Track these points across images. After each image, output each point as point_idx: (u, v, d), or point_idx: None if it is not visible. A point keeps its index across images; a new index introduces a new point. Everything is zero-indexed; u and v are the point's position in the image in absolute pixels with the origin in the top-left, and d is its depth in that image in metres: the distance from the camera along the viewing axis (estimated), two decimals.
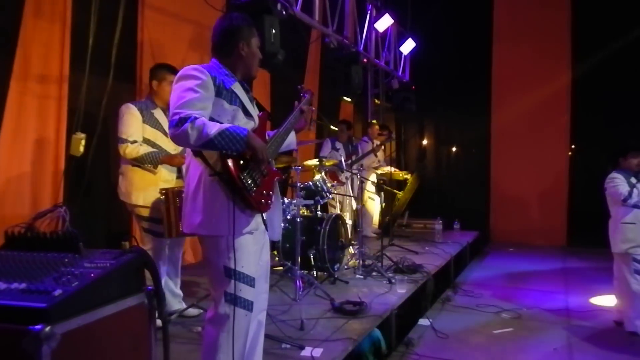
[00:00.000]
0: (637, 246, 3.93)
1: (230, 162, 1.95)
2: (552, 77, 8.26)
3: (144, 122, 3.17)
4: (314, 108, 2.52)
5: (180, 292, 3.47)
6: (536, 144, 8.35)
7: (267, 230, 2.19)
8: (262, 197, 2.06)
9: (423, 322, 4.29)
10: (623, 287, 4.02)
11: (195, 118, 1.88)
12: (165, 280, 3.31)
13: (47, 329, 1.21)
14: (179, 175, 3.31)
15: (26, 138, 3.48)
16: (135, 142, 3.12)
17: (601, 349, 3.74)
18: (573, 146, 8.35)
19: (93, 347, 1.39)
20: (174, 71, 3.30)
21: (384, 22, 7.39)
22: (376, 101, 8.75)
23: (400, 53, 8.56)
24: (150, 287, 1.61)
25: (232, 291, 2.00)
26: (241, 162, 2.00)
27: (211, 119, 1.99)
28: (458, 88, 8.59)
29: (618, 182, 3.94)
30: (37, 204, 3.49)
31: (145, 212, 3.19)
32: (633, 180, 3.96)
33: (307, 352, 2.83)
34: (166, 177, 3.23)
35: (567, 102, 8.23)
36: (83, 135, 3.31)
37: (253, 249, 2.11)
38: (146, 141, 3.17)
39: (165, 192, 3.05)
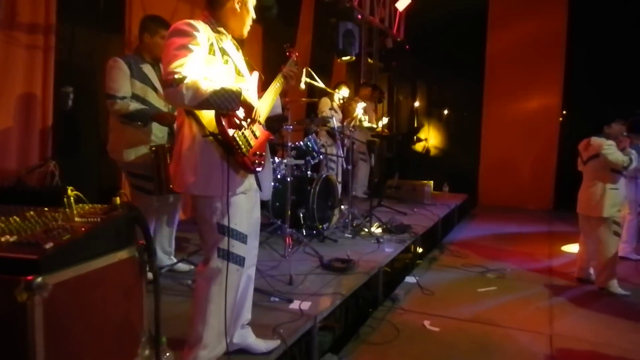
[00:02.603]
0: (618, 210, 4.15)
1: (224, 123, 1.95)
2: (548, 42, 8.15)
3: (132, 77, 3.08)
4: (297, 67, 2.45)
5: (171, 249, 3.50)
6: (528, 109, 8.36)
7: (260, 190, 2.21)
8: (255, 157, 2.07)
9: (410, 279, 4.40)
10: (599, 248, 4.18)
11: (190, 78, 1.85)
12: (155, 236, 3.34)
13: (39, 279, 1.23)
14: (170, 131, 3.27)
15: (13, 90, 3.41)
16: (124, 97, 3.04)
17: (580, 307, 3.88)
18: (564, 112, 8.36)
19: (85, 297, 1.41)
20: (167, 26, 3.20)
21: None
22: (369, 60, 8.62)
23: (396, 10, 8.38)
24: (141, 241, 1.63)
25: (225, 247, 2.04)
26: (236, 122, 1.99)
27: (203, 77, 1.96)
28: (452, 49, 8.45)
29: (615, 150, 4.00)
30: (25, 159, 3.45)
31: (136, 170, 3.17)
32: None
33: (295, 305, 2.91)
34: (157, 133, 3.18)
35: (560, 67, 8.17)
36: (71, 89, 3.25)
37: (246, 207, 2.13)
38: (135, 97, 3.08)
39: (156, 148, 3.03)
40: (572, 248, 5.47)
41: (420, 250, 5.29)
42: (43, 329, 1.25)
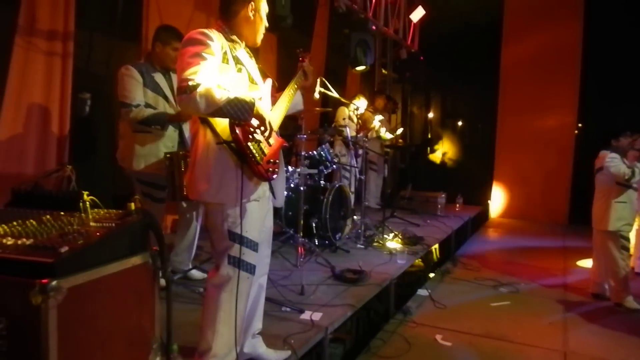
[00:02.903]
0: (627, 224, 4.13)
1: (238, 131, 1.95)
2: (563, 54, 8.10)
3: (145, 86, 3.09)
4: (312, 68, 2.46)
5: (190, 254, 3.46)
6: (543, 122, 8.29)
7: (273, 197, 2.21)
8: (269, 165, 2.07)
9: (422, 292, 4.35)
10: (608, 263, 4.16)
11: (204, 86, 1.86)
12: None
13: (54, 282, 1.23)
14: (181, 140, 3.28)
15: (32, 95, 3.46)
16: (138, 105, 3.05)
17: (595, 323, 3.80)
18: (580, 125, 8.27)
19: (98, 301, 1.41)
20: (180, 38, 3.23)
21: None
22: (383, 71, 8.62)
23: (410, 21, 8.39)
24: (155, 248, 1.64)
25: (235, 254, 2.03)
26: (250, 130, 2.00)
27: (217, 85, 1.98)
28: (467, 60, 8.42)
29: (617, 162, 4.00)
30: (43, 163, 3.50)
31: (145, 177, 3.17)
32: (625, 160, 4.04)
33: (306, 315, 2.88)
34: (167, 143, 3.18)
35: (576, 80, 8.10)
36: (88, 95, 3.28)
37: (258, 215, 2.12)
38: (147, 106, 3.10)
39: (170, 155, 3.05)
40: (587, 263, 5.36)
41: (433, 262, 5.24)
42: (56, 332, 1.26)
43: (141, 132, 3.12)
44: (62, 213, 1.63)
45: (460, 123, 9.76)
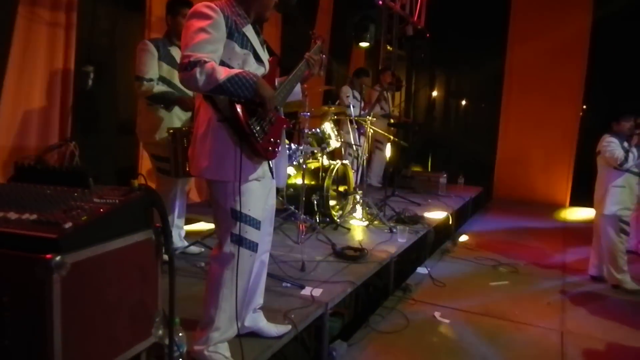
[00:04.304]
0: (625, 208, 4.12)
1: (239, 108, 1.94)
2: (571, 34, 7.94)
3: (160, 59, 3.14)
4: (324, 55, 2.43)
5: (183, 231, 3.53)
6: (548, 103, 8.20)
7: (273, 177, 2.21)
8: (269, 144, 2.06)
9: (421, 270, 4.39)
10: (607, 246, 4.18)
11: (205, 62, 1.84)
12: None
13: (58, 258, 1.25)
14: (193, 115, 3.29)
15: (34, 68, 3.44)
16: (151, 80, 3.10)
17: (593, 304, 3.84)
18: (585, 107, 8.19)
19: (102, 277, 1.44)
20: (189, 4, 3.21)
21: None
22: (388, 48, 8.50)
23: None
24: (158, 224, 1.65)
25: (237, 232, 2.04)
26: (250, 108, 1.98)
27: (221, 62, 1.96)
28: (473, 38, 8.29)
29: (614, 147, 3.99)
30: (45, 137, 3.50)
31: (160, 152, 3.20)
32: (625, 144, 4.01)
33: (307, 291, 2.92)
34: (181, 116, 3.25)
35: (583, 61, 7.98)
36: (91, 68, 3.28)
37: (259, 193, 2.12)
38: (162, 79, 3.15)
39: (173, 132, 3.05)
40: (587, 245, 5.40)
41: (432, 241, 5.27)
42: (60, 306, 1.28)
43: (155, 105, 3.18)
44: (65, 188, 1.63)
45: (464, 102, 9.67)
